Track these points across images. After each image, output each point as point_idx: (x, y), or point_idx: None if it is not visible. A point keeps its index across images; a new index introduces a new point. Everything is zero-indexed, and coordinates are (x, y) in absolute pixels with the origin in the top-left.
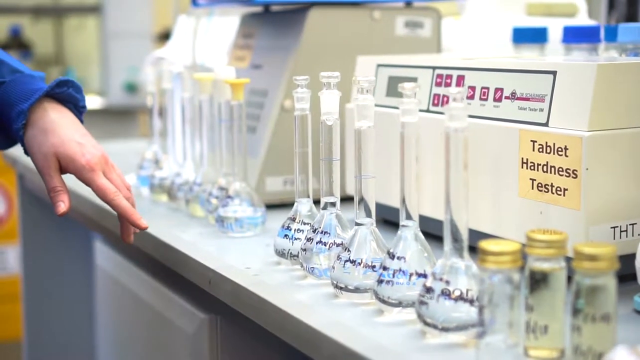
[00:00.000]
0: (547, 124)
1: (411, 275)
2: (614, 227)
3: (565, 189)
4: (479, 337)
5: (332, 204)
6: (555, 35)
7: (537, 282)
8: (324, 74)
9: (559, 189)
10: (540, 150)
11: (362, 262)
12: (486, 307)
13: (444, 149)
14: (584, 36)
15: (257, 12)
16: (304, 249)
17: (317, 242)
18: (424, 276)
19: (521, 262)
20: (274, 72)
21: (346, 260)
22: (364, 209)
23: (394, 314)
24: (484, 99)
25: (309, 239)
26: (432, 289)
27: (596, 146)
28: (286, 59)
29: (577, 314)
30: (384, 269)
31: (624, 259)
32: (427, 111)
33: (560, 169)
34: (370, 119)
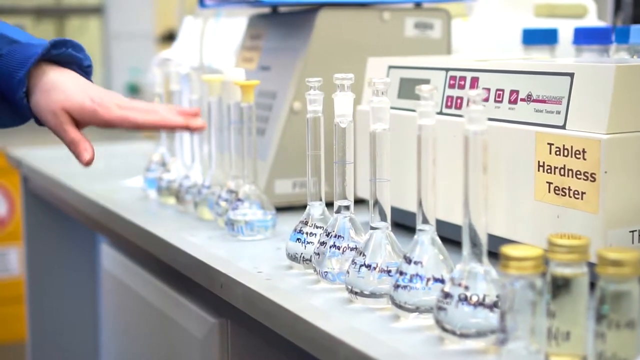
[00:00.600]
0: (564, 127)
1: (428, 280)
2: (633, 231)
3: (583, 193)
4: (501, 343)
5: (345, 208)
6: (564, 36)
7: (559, 288)
8: (338, 75)
9: (576, 192)
10: (557, 153)
11: (377, 267)
12: (508, 314)
13: (462, 152)
14: (596, 37)
15: (264, 13)
16: (317, 253)
17: (330, 246)
18: (441, 281)
19: (544, 268)
20: (282, 73)
21: (361, 264)
22: (378, 212)
23: (410, 320)
24: (498, 101)
25: (322, 242)
26: (450, 295)
27: (615, 149)
28: (295, 61)
29: (601, 320)
30: (401, 273)
31: None
32: (440, 113)
33: (577, 172)
34: (385, 121)
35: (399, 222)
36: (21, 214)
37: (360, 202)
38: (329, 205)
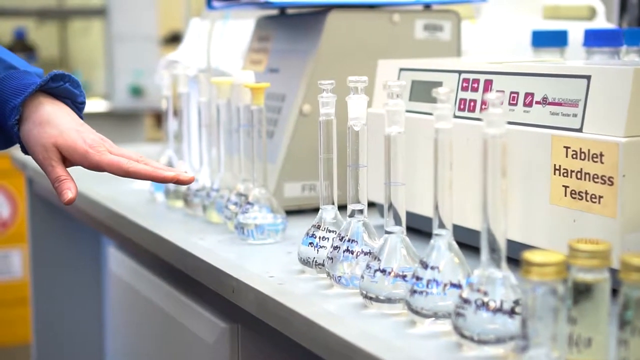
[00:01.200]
0: (580, 130)
1: (445, 285)
2: None
3: (600, 197)
4: (522, 350)
5: (359, 212)
6: (573, 38)
7: (581, 294)
8: (352, 78)
9: (593, 196)
10: (574, 156)
11: (392, 272)
12: (529, 320)
13: (481, 155)
14: (606, 39)
15: (272, 15)
16: (330, 258)
17: (344, 251)
18: (458, 286)
19: (566, 274)
20: (291, 76)
21: (376, 269)
22: (393, 216)
23: (426, 325)
24: (513, 104)
25: (335, 247)
26: (469, 300)
27: (633, 152)
28: (304, 63)
29: (625, 327)
30: (417, 279)
31: None
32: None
33: (595, 176)
34: (401, 124)
35: (408, 225)
36: (25, 216)
37: (369, 206)
38: (340, 208)
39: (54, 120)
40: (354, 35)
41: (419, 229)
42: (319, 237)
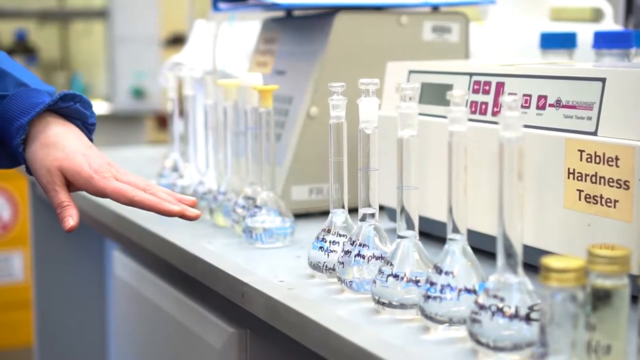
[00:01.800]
0: (595, 133)
1: (460, 291)
2: None
3: (615, 201)
4: (540, 357)
5: (370, 215)
6: (581, 40)
7: (600, 300)
8: (363, 80)
9: (608, 200)
10: (588, 160)
11: (405, 277)
12: (548, 327)
13: (497, 159)
14: (616, 42)
15: (279, 17)
16: (341, 262)
17: (355, 255)
18: (472, 292)
19: (585, 280)
20: (298, 78)
21: (389, 274)
22: (405, 220)
23: (439, 331)
24: (525, 107)
25: (346, 251)
26: (484, 306)
27: None
28: (312, 65)
29: None
30: (431, 284)
31: None
32: None
33: (610, 180)
34: (413, 127)
35: (419, 230)
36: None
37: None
38: (349, 212)
39: (60, 142)
40: (362, 37)
41: (429, 233)
42: (329, 242)
